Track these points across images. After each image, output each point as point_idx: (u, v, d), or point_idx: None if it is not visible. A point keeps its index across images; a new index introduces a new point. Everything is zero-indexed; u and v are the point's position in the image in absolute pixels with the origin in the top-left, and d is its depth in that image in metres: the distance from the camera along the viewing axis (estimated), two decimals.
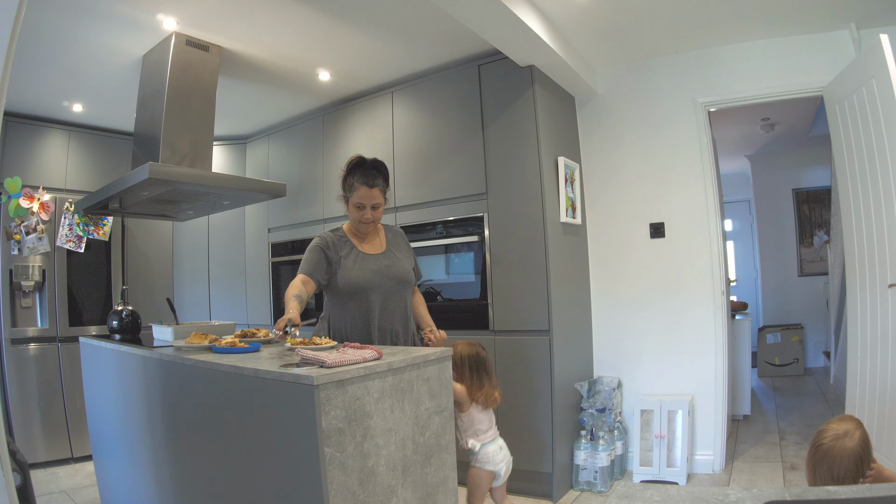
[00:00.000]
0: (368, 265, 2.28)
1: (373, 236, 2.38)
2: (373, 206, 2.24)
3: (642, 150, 3.41)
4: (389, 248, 2.38)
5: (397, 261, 2.34)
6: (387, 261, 2.32)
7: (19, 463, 1.15)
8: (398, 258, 2.36)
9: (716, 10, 2.84)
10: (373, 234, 2.38)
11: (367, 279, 2.25)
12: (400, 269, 2.33)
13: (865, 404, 2.70)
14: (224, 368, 1.72)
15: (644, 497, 0.92)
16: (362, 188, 2.21)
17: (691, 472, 3.12)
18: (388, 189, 2.32)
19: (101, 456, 2.80)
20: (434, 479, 1.77)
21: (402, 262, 2.36)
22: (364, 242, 2.34)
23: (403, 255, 2.39)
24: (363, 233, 2.32)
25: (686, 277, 3.26)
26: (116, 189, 2.81)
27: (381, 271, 2.28)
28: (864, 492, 0.85)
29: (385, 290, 2.27)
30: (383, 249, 2.36)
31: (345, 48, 3.16)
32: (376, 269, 2.28)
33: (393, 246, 2.39)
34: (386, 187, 2.29)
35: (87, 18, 2.65)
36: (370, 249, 2.34)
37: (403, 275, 2.32)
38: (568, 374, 3.10)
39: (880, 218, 2.58)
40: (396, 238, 2.44)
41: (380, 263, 2.30)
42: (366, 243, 2.35)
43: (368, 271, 2.26)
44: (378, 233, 2.41)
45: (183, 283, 4.58)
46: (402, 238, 2.46)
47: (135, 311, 2.98)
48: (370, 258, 2.30)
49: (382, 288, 2.27)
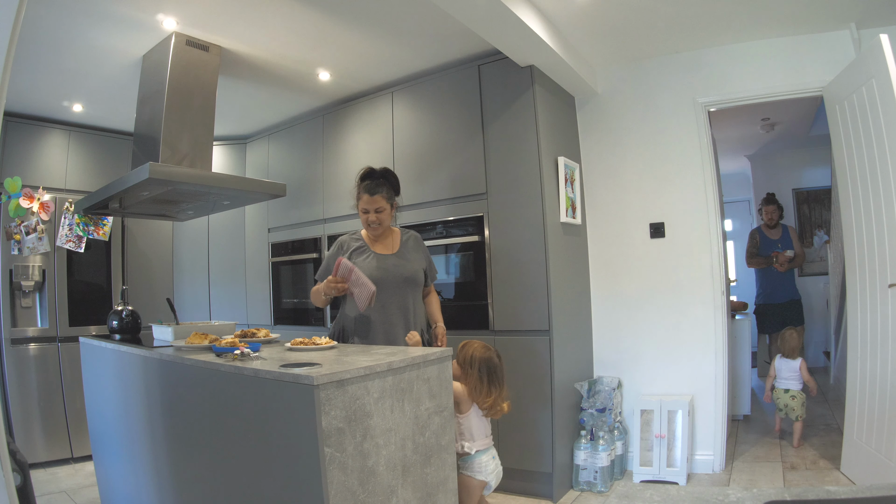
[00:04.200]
0: (376, 263, 2.47)
1: (387, 239, 2.58)
2: (375, 210, 2.45)
3: (642, 150, 3.41)
4: (402, 249, 2.56)
5: (407, 261, 2.51)
6: (396, 260, 2.50)
7: (19, 463, 1.15)
8: (409, 259, 2.53)
9: (716, 10, 2.84)
10: (387, 237, 2.58)
11: (371, 274, 2.38)
12: (408, 269, 2.49)
13: (865, 404, 2.70)
14: (224, 368, 1.72)
15: (644, 497, 0.92)
16: (364, 196, 2.46)
17: (691, 472, 3.12)
18: (396, 194, 2.55)
19: (101, 456, 2.80)
20: (434, 479, 1.77)
21: (413, 263, 2.52)
22: (377, 244, 2.56)
23: (415, 257, 2.55)
24: (374, 234, 2.53)
25: (686, 277, 3.26)
26: (116, 189, 2.80)
27: (387, 269, 2.45)
28: (864, 492, 0.85)
29: (387, 286, 2.42)
30: (395, 251, 2.55)
31: (345, 48, 3.16)
32: (383, 267, 2.46)
33: (406, 248, 2.57)
34: (392, 193, 2.51)
35: (86, 18, 2.65)
36: (382, 250, 2.54)
37: (410, 274, 2.48)
38: (568, 374, 3.10)
39: (880, 218, 2.58)
40: (410, 241, 2.61)
41: (388, 262, 2.49)
42: (379, 244, 2.56)
43: (374, 268, 2.44)
44: (393, 236, 2.60)
45: (183, 283, 4.58)
46: (417, 241, 2.63)
47: (135, 311, 2.98)
48: (381, 257, 2.50)
49: (384, 284, 2.41)
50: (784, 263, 4.54)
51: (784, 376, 3.61)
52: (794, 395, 3.51)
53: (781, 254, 4.55)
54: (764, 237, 4.77)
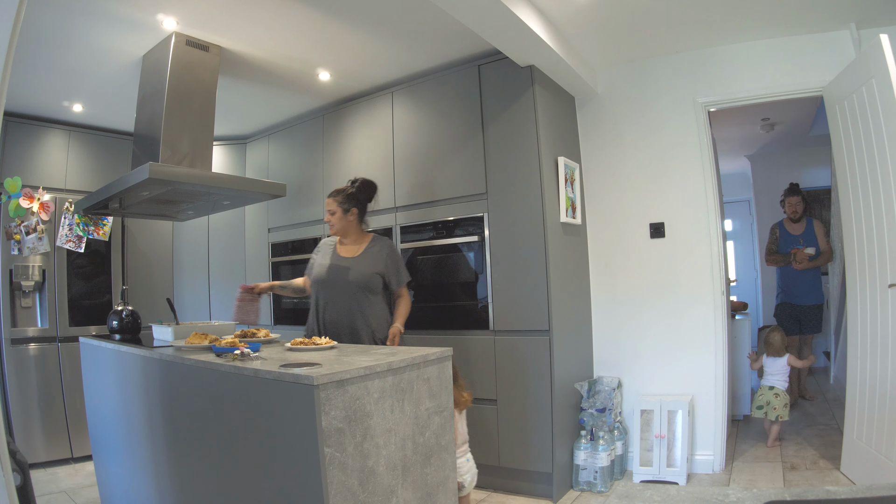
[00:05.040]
0: (328, 263, 2.67)
1: (355, 243, 2.72)
2: (329, 211, 2.66)
3: (642, 150, 3.41)
4: (363, 255, 2.68)
5: (362, 266, 2.63)
6: (350, 263, 2.64)
7: (19, 463, 1.14)
8: (366, 264, 2.64)
9: (716, 9, 2.84)
10: (356, 241, 2.73)
11: (319, 274, 2.65)
12: (358, 273, 2.62)
13: (865, 404, 2.70)
14: (224, 368, 1.72)
15: (644, 497, 0.92)
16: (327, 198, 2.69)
17: (691, 472, 3.12)
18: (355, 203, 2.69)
19: (101, 456, 2.80)
20: (434, 479, 1.77)
21: (367, 268, 2.63)
22: (343, 246, 2.72)
23: (373, 263, 2.65)
24: (334, 235, 2.74)
25: (686, 277, 3.26)
26: (116, 189, 2.80)
27: (336, 271, 2.63)
28: (864, 492, 0.85)
29: (335, 287, 2.61)
30: (356, 255, 2.68)
31: (345, 48, 3.16)
32: (334, 268, 2.65)
33: (367, 253, 2.68)
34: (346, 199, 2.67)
35: (86, 18, 2.65)
36: (344, 253, 2.70)
37: (358, 278, 2.60)
38: (568, 374, 3.10)
39: (880, 218, 2.58)
40: (375, 247, 2.71)
41: (342, 264, 2.65)
42: (344, 247, 2.72)
43: (326, 268, 2.66)
44: (362, 241, 2.73)
45: (183, 283, 4.58)
46: (383, 248, 2.72)
47: (135, 311, 2.98)
48: (336, 258, 2.68)
49: (331, 284, 2.62)
50: (802, 261, 4.15)
51: (770, 372, 3.60)
52: (777, 394, 3.48)
53: (800, 251, 4.16)
54: (785, 232, 4.37)
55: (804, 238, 4.25)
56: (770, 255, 4.41)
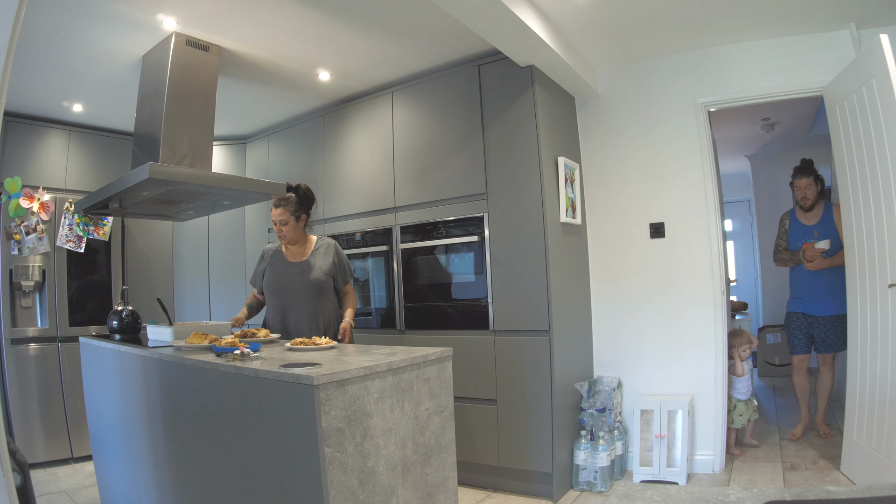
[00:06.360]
0: (283, 270, 2.77)
1: (300, 248, 2.83)
2: (280, 221, 2.73)
3: (642, 150, 3.41)
4: (311, 258, 2.79)
5: (311, 269, 2.75)
6: (300, 268, 2.76)
7: (19, 463, 1.14)
8: (315, 267, 2.76)
9: (716, 9, 2.84)
10: (301, 246, 2.84)
11: (274, 281, 2.76)
12: (310, 276, 2.73)
13: (865, 404, 2.70)
14: (224, 368, 1.72)
15: (644, 497, 0.92)
16: (272, 209, 2.75)
17: (691, 472, 3.12)
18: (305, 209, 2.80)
19: (101, 456, 2.80)
20: (434, 479, 1.77)
21: (316, 270, 2.75)
22: (290, 253, 2.83)
23: (322, 264, 2.78)
24: (284, 243, 2.83)
25: (686, 277, 3.26)
26: (116, 189, 2.80)
27: (290, 277, 2.74)
28: (864, 492, 0.85)
29: (292, 291, 2.73)
30: (304, 259, 2.79)
31: (345, 48, 3.16)
32: (287, 275, 2.75)
33: (315, 256, 2.80)
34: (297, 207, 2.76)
35: (86, 18, 2.65)
36: (292, 258, 2.82)
37: (311, 281, 2.73)
38: (568, 374, 3.10)
39: (880, 218, 2.58)
40: (321, 249, 2.83)
41: (293, 270, 2.76)
42: (291, 253, 2.83)
43: (279, 275, 2.76)
44: (307, 245, 2.85)
45: (183, 283, 4.58)
46: (329, 248, 2.84)
47: (135, 311, 2.97)
48: (288, 265, 2.79)
49: (288, 289, 2.73)
50: (815, 259, 3.24)
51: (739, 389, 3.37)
52: (747, 403, 3.39)
53: (811, 245, 3.25)
54: (795, 223, 3.44)
55: (819, 229, 3.33)
56: (778, 252, 3.53)
